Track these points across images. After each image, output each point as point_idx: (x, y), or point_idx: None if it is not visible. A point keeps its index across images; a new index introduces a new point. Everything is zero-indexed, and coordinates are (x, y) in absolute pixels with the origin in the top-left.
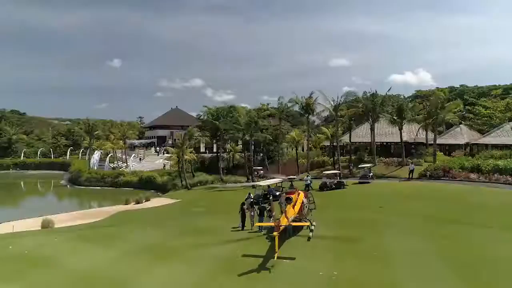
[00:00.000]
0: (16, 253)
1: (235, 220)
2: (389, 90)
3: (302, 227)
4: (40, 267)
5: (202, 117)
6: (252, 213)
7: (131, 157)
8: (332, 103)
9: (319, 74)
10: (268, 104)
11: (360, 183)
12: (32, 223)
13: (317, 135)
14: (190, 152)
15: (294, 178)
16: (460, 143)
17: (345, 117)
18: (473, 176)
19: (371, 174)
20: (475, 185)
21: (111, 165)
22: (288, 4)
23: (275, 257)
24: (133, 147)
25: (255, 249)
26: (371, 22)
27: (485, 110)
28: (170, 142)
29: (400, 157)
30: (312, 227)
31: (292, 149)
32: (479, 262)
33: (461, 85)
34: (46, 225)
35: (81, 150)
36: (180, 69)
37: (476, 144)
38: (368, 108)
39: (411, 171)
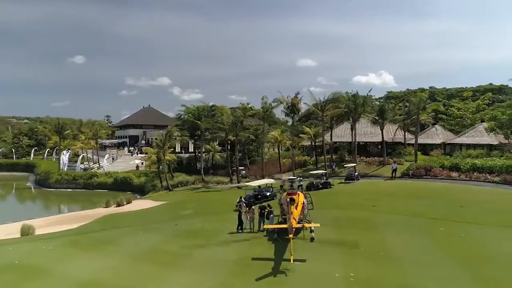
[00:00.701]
0: (5, 263)
1: (227, 221)
2: (369, 91)
3: (301, 228)
4: (37, 278)
5: (182, 116)
6: (253, 215)
7: (105, 158)
8: (319, 103)
9: (287, 74)
10: (248, 104)
11: (345, 182)
12: (7, 230)
13: (300, 135)
14: (170, 152)
15: (294, 179)
16: (437, 143)
17: (326, 117)
18: (454, 174)
19: (356, 173)
20: (457, 183)
21: (82, 166)
22: (256, 4)
23: (292, 260)
24: (103, 147)
25: (259, 251)
26: (337, 24)
27: (457, 111)
28: (143, 142)
29: (380, 156)
30: (313, 228)
31: (271, 149)
32: (483, 259)
33: (431, 87)
34: (26, 231)
35: (47, 150)
36: (147, 67)
37: (451, 143)
38: (350, 108)
39: (394, 170)
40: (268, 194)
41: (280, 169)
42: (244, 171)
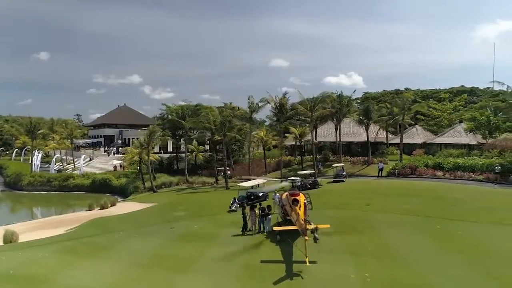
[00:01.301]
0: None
1: (222, 223)
2: (354, 91)
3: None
4: None
5: (165, 116)
6: (255, 217)
7: (82, 158)
8: (308, 103)
9: (259, 74)
10: (231, 103)
11: (334, 182)
12: None
13: (286, 134)
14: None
15: (296, 179)
16: (418, 143)
17: (313, 117)
18: (439, 173)
19: (344, 173)
20: (443, 182)
21: (55, 167)
22: (230, 3)
23: (307, 262)
24: (77, 148)
25: (266, 253)
26: (310, 26)
27: (435, 111)
28: (119, 141)
29: (363, 156)
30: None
31: (255, 149)
32: (487, 256)
33: (406, 88)
34: (9, 238)
35: (15, 151)
36: (116, 65)
37: (432, 143)
38: (335, 108)
39: (381, 170)
40: (260, 194)
41: (265, 169)
42: (228, 172)
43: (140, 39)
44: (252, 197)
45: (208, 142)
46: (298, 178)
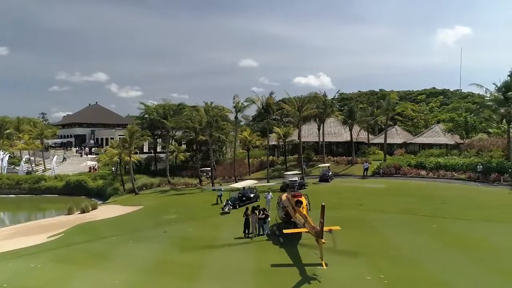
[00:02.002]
0: None
1: (217, 226)
2: (338, 92)
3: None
4: None
5: (145, 115)
6: (254, 219)
7: (54, 159)
8: (296, 103)
9: (229, 73)
10: (211, 103)
11: (320, 182)
12: None
13: (271, 134)
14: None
15: (295, 181)
16: (398, 142)
17: (300, 117)
18: (423, 173)
19: (330, 173)
20: (428, 181)
21: (24, 169)
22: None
23: (324, 266)
24: (46, 148)
25: (274, 257)
26: (280, 26)
27: (413, 112)
28: (92, 141)
29: (345, 155)
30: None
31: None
32: (489, 253)
33: (380, 90)
34: None
35: None
36: (81, 62)
37: (411, 143)
38: (320, 108)
39: (366, 169)
40: (252, 195)
41: (249, 170)
42: (211, 172)
43: (106, 36)
44: (244, 198)
45: (184, 142)
46: (296, 178)
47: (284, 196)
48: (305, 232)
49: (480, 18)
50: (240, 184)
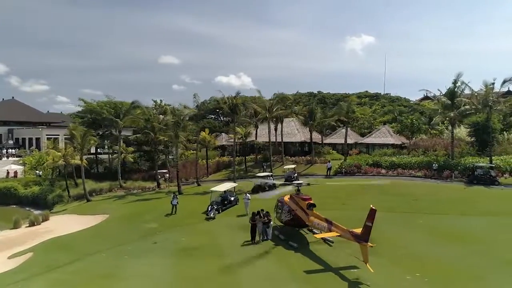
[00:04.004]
0: None
1: (207, 233)
2: (297, 92)
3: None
4: None
5: (86, 113)
6: (260, 224)
7: None
8: (267, 103)
9: (148, 70)
10: (162, 101)
11: (285, 183)
12: None
13: (230, 134)
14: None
15: (301, 183)
16: (349, 143)
17: (271, 117)
18: (383, 171)
19: (296, 175)
20: (390, 178)
21: None
22: None
23: (370, 269)
24: None
25: (299, 263)
26: (201, 24)
27: (360, 114)
28: (10, 142)
29: (300, 155)
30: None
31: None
32: (490, 245)
33: (319, 92)
34: None
35: None
36: None
37: (362, 143)
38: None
39: (329, 169)
40: (232, 199)
41: (207, 171)
42: (167, 175)
43: (4, 22)
44: (226, 201)
45: (136, 143)
46: (302, 181)
47: (286, 198)
48: (336, 236)
49: (382, 29)
50: (221, 187)
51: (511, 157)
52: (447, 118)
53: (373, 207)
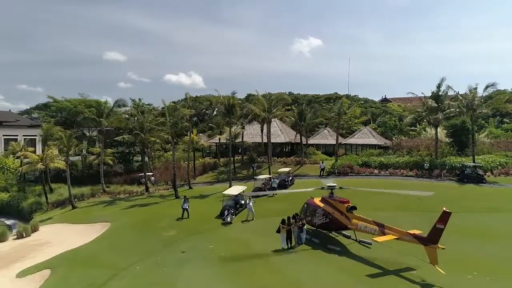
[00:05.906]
0: None
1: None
2: (284, 92)
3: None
4: None
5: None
6: (296, 229)
7: None
8: (266, 103)
9: (92, 66)
10: (141, 100)
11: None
12: None
13: (217, 136)
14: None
15: (334, 185)
16: (332, 143)
17: (270, 118)
18: (376, 171)
19: (291, 178)
20: (385, 178)
21: None
22: None
23: (441, 271)
24: None
25: (354, 267)
26: (148, 20)
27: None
28: None
29: (286, 156)
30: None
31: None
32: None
33: (289, 92)
34: None
35: None
36: None
37: (345, 143)
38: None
39: (322, 169)
40: (242, 202)
41: (194, 173)
42: (153, 177)
43: None
44: (238, 205)
45: (116, 144)
46: (334, 184)
47: (317, 201)
48: (395, 239)
49: (327, 32)
50: (233, 191)
51: (490, 156)
52: (431, 120)
53: (447, 210)
